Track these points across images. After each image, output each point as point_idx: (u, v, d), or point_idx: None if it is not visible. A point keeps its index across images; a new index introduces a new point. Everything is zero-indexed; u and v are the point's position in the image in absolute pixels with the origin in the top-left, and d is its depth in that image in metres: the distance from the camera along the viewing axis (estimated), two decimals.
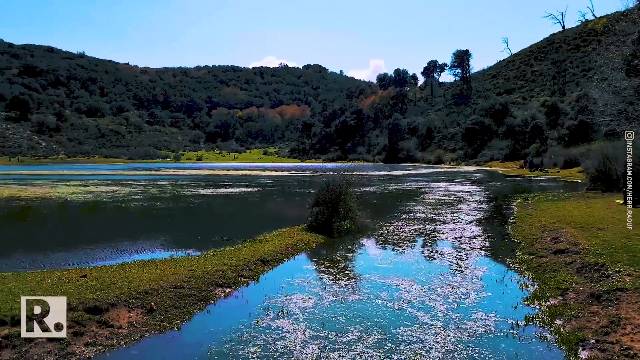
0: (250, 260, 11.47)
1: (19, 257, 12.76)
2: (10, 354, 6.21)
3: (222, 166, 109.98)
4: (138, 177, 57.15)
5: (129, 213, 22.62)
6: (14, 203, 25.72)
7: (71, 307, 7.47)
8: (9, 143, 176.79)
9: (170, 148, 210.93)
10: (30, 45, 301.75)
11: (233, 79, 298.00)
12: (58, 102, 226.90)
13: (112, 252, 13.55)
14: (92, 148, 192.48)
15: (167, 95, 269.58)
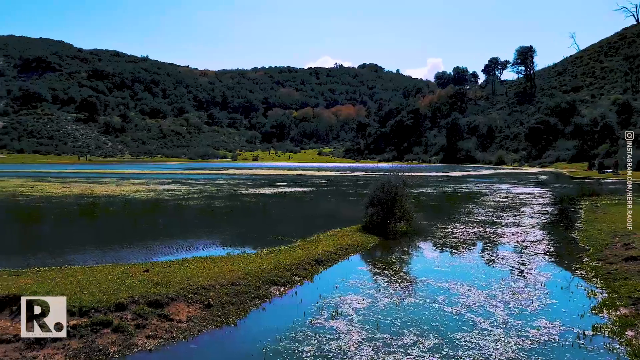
0: (304, 260, 11.58)
1: (87, 252, 13.58)
2: (78, 343, 6.63)
3: (277, 166, 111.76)
4: (197, 176, 59.22)
5: (189, 211, 23.48)
6: (82, 200, 27.40)
7: (134, 300, 7.86)
8: (78, 143, 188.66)
9: (227, 148, 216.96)
10: (98, 50, 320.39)
11: (289, 80, 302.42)
12: (123, 104, 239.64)
13: (173, 248, 14.12)
14: (154, 148, 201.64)
15: (225, 96, 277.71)
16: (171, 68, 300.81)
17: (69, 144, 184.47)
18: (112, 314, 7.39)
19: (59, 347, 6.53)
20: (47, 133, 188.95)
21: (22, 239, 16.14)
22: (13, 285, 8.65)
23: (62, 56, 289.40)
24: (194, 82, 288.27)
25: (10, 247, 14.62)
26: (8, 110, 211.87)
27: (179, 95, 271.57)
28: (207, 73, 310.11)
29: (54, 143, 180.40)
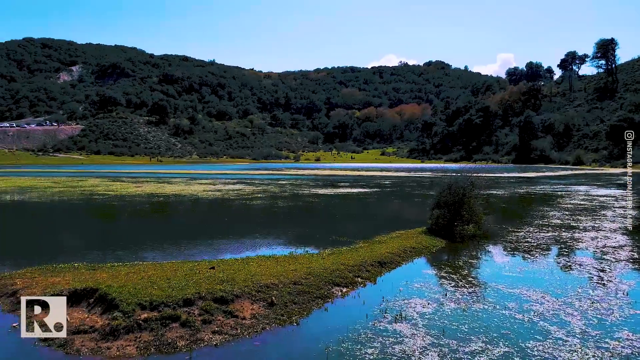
0: (367, 261, 11.51)
1: (157, 248, 14.27)
2: (148, 336, 6.97)
3: (339, 166, 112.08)
4: (261, 176, 60.65)
5: (253, 210, 24.09)
6: (153, 199, 28.86)
7: (201, 296, 8.16)
8: (150, 144, 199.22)
9: (290, 149, 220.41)
10: (168, 55, 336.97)
11: (351, 80, 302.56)
12: (191, 106, 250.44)
13: (237, 246, 14.53)
14: (220, 149, 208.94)
15: (288, 97, 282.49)
16: (236, 71, 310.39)
17: (142, 145, 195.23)
18: (180, 309, 7.71)
19: (131, 339, 6.90)
20: (121, 135, 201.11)
21: (98, 236, 17.25)
22: (90, 279, 9.28)
23: (135, 62, 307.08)
24: (258, 85, 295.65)
25: (88, 243, 15.67)
26: (86, 114, 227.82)
27: (244, 97, 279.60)
28: (271, 75, 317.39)
29: (128, 145, 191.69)
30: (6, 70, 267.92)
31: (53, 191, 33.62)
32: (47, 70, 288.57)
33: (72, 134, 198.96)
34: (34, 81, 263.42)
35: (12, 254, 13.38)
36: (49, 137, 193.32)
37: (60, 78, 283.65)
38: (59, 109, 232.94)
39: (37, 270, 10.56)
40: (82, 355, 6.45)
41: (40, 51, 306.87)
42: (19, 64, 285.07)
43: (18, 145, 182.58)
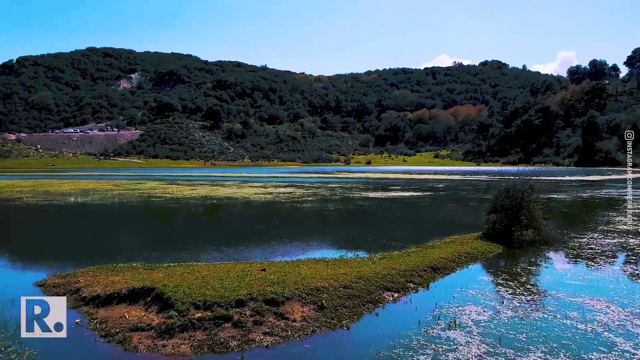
0: (419, 266, 11.33)
1: (211, 249, 14.68)
2: (202, 335, 7.17)
3: (390, 169, 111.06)
4: (311, 179, 61.10)
5: (303, 213, 24.29)
6: (207, 202, 29.72)
7: (252, 297, 8.31)
8: (204, 148, 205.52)
9: (340, 152, 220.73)
10: (222, 61, 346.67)
11: (403, 81, 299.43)
12: (244, 111, 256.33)
13: (288, 248, 14.70)
14: (271, 152, 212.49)
15: (338, 100, 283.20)
16: (288, 75, 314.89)
17: (196, 149, 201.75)
18: (232, 309, 7.89)
19: (185, 338, 7.12)
20: (177, 140, 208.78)
21: (155, 237, 17.96)
22: (147, 278, 9.66)
23: (190, 69, 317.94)
24: (308, 88, 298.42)
25: (146, 243, 16.35)
26: (145, 119, 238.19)
27: (295, 101, 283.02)
28: (321, 78, 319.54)
29: (184, 149, 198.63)
30: (71, 79, 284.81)
31: (113, 193, 35.33)
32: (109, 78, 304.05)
33: (131, 138, 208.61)
34: (96, 89, 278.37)
35: (76, 253, 14.16)
36: (110, 142, 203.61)
37: (120, 85, 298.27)
38: (119, 115, 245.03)
39: (98, 269, 11.13)
40: (140, 352, 6.72)
41: (102, 60, 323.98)
42: (83, 72, 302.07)
43: (81, 150, 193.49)
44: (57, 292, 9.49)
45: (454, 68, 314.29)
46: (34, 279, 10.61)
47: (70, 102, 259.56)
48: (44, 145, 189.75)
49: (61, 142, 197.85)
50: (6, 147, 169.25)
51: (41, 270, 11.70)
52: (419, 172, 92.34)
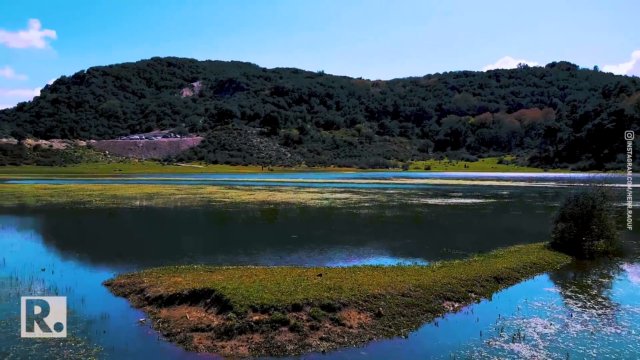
0: (481, 276, 11.00)
1: (268, 253, 14.94)
2: (260, 338, 7.31)
3: (451, 175, 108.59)
4: (368, 185, 60.84)
5: (360, 219, 24.22)
6: (264, 206, 30.30)
7: (309, 302, 8.38)
8: (261, 154, 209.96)
9: (398, 157, 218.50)
10: (279, 68, 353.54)
11: (465, 85, 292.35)
12: (301, 117, 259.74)
13: (344, 254, 14.70)
14: (328, 158, 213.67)
15: (396, 105, 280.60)
16: (344, 81, 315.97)
17: (254, 155, 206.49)
18: (289, 313, 8.00)
19: (243, 340, 7.29)
20: (236, 146, 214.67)
21: (215, 240, 18.52)
22: (207, 280, 9.98)
23: (249, 76, 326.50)
24: (366, 93, 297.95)
25: (206, 246, 16.89)
26: (206, 126, 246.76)
27: (352, 106, 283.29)
28: (379, 83, 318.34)
29: (242, 154, 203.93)
30: (137, 88, 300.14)
31: (176, 198, 36.80)
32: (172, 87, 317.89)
33: (192, 144, 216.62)
34: (160, 97, 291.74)
35: (140, 254, 14.86)
36: (172, 148, 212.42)
37: (183, 93, 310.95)
38: (181, 122, 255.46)
39: (161, 270, 11.64)
40: (200, 353, 6.95)
41: (166, 69, 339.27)
42: (148, 81, 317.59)
43: (146, 155, 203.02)
44: (123, 292, 10.00)
45: (519, 70, 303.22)
46: (103, 279, 11.24)
47: (137, 110, 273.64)
48: (111, 151, 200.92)
49: (128, 148, 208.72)
50: (77, 153, 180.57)
51: (109, 270, 12.37)
52: (481, 178, 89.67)
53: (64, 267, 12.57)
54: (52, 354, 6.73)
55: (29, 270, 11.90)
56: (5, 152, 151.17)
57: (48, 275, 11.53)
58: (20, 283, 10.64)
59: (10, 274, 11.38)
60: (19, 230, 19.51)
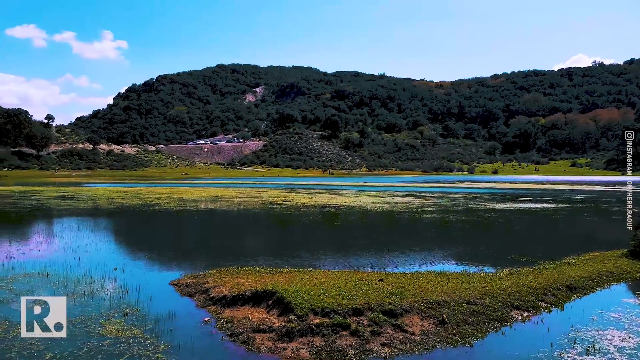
0: (552, 285, 10.50)
1: (328, 257, 15.02)
2: (320, 341, 7.37)
3: (520, 179, 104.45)
4: (431, 189, 59.70)
5: (422, 224, 23.82)
6: (325, 210, 30.49)
7: (370, 307, 8.35)
8: (322, 158, 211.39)
9: (463, 160, 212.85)
10: (340, 72, 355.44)
11: (534, 84, 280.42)
12: (361, 120, 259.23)
13: (406, 259, 14.52)
14: (389, 161, 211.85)
15: (461, 106, 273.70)
16: (406, 83, 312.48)
17: (315, 159, 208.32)
18: (349, 317, 8.00)
19: (304, 342, 7.37)
20: (297, 150, 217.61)
21: (276, 242, 18.86)
22: (269, 282, 10.19)
23: (310, 80, 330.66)
24: (429, 95, 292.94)
25: (268, 248, 17.24)
26: (267, 130, 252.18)
27: (414, 108, 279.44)
28: (442, 84, 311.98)
29: (303, 158, 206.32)
30: (202, 94, 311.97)
31: (239, 200, 37.83)
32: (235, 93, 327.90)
33: (255, 149, 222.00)
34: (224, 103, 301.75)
35: (205, 255, 15.40)
36: (236, 152, 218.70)
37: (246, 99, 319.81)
38: (244, 126, 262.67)
39: (225, 271, 12.02)
40: (262, 353, 7.10)
41: (230, 76, 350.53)
42: (213, 88, 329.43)
43: (211, 160, 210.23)
44: (189, 292, 10.41)
45: (594, 68, 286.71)
46: (170, 278, 11.76)
47: (202, 115, 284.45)
48: (179, 155, 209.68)
49: (194, 153, 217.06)
50: (147, 157, 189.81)
51: (176, 270, 12.93)
52: (553, 182, 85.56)
53: (133, 266, 13.26)
54: (123, 349, 7.12)
55: (102, 269, 12.66)
56: (81, 157, 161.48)
57: (119, 274, 12.21)
58: (94, 281, 11.33)
59: (85, 273, 12.15)
60: (93, 231, 20.78)
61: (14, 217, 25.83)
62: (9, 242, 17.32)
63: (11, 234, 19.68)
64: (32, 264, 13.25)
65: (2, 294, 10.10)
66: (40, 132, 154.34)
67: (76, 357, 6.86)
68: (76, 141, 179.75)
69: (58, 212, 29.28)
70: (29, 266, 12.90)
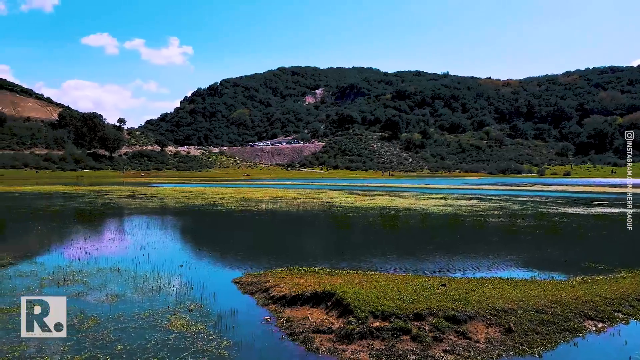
0: (631, 295, 9.87)
1: (388, 260, 14.87)
2: (380, 345, 7.32)
3: (595, 182, 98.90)
4: (497, 192, 57.73)
5: (488, 228, 23.08)
6: (385, 212, 30.23)
7: (432, 312, 8.20)
8: (382, 159, 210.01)
9: (532, 162, 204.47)
10: (401, 72, 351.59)
11: (611, 81, 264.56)
12: (423, 120, 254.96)
13: (470, 264, 14.12)
14: (452, 163, 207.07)
15: (530, 105, 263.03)
16: (471, 81, 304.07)
17: (375, 160, 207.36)
18: (410, 322, 7.90)
19: (364, 345, 7.35)
20: (356, 151, 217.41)
21: (335, 244, 18.92)
22: (328, 283, 10.25)
23: (370, 81, 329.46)
24: (495, 94, 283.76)
25: (326, 249, 17.33)
26: (327, 132, 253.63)
27: (479, 108, 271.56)
28: (510, 83, 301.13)
29: (362, 159, 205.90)
30: (264, 97, 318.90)
31: (298, 201, 38.29)
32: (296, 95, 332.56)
33: (314, 150, 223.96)
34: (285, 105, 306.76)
35: (265, 255, 15.70)
36: (295, 154, 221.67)
37: (306, 101, 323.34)
38: (304, 128, 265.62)
39: (285, 271, 12.22)
40: (321, 354, 7.16)
41: (290, 78, 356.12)
42: (274, 90, 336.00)
43: (271, 161, 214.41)
44: (250, 290, 10.66)
45: None
46: (232, 276, 12.10)
47: (263, 118, 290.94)
48: (241, 156, 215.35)
49: (255, 154, 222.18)
50: (211, 159, 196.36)
51: (238, 268, 13.29)
52: (633, 185, 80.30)
53: (198, 264, 13.77)
54: (187, 344, 7.41)
55: (168, 266, 13.23)
56: (150, 158, 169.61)
57: (185, 271, 12.71)
58: (161, 277, 11.86)
59: (153, 269, 12.75)
60: (161, 229, 21.76)
61: (88, 215, 27.52)
62: (85, 238, 18.48)
63: (86, 231, 20.98)
64: (104, 259, 14.07)
65: (78, 287, 10.79)
66: (112, 135, 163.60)
67: (144, 349, 7.21)
68: (145, 143, 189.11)
69: (128, 210, 30.92)
70: (102, 262, 13.70)
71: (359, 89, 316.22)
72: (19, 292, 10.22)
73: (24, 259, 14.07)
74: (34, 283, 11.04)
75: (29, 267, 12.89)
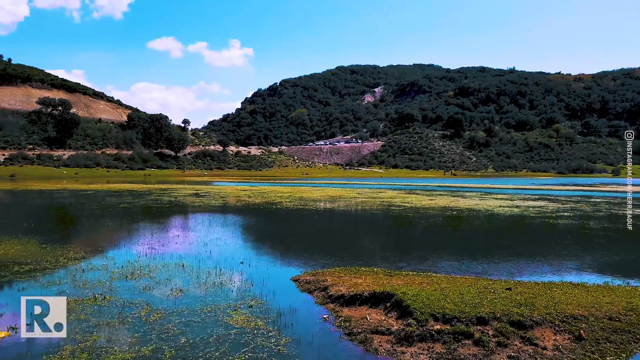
0: None
1: (450, 261, 14.54)
2: (441, 348, 7.18)
3: None
4: (568, 192, 55.06)
5: (557, 230, 22.05)
6: (447, 212, 29.59)
7: (496, 316, 7.94)
8: (443, 158, 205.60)
9: (607, 161, 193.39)
10: (464, 68, 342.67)
11: None
12: (488, 118, 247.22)
13: (537, 268, 13.55)
14: (519, 162, 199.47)
15: (604, 101, 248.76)
16: (539, 77, 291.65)
17: (436, 159, 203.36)
18: (473, 326, 7.69)
19: (423, 348, 7.24)
20: (417, 150, 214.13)
21: (394, 244, 18.73)
22: (387, 284, 10.17)
23: (431, 78, 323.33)
24: (565, 89, 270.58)
25: (385, 250, 17.20)
26: (386, 131, 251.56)
27: (548, 104, 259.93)
28: (582, 77, 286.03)
29: (423, 159, 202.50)
30: (322, 97, 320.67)
31: (357, 201, 38.23)
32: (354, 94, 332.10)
33: (373, 149, 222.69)
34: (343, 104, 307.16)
35: (324, 254, 15.79)
36: (354, 153, 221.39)
37: (364, 99, 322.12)
38: (363, 127, 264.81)
39: (343, 270, 12.25)
40: (380, 355, 7.12)
41: (349, 77, 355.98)
42: (332, 90, 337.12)
43: (330, 160, 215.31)
44: (308, 288, 10.77)
45: None
46: (291, 274, 12.28)
47: (322, 117, 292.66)
48: (299, 156, 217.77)
49: (313, 154, 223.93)
50: (271, 158, 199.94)
51: (296, 266, 13.48)
52: None
53: (258, 261, 14.07)
54: (247, 339, 7.60)
55: (230, 262, 13.62)
56: (213, 158, 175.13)
57: (245, 267, 13.03)
58: (223, 273, 12.23)
59: (216, 265, 13.17)
60: (223, 226, 22.41)
61: (155, 212, 28.81)
62: (151, 234, 19.36)
63: (153, 228, 21.97)
64: (169, 255, 14.69)
65: (145, 281, 11.34)
66: (177, 135, 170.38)
67: (206, 343, 7.47)
68: (208, 143, 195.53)
69: (192, 208, 32.10)
70: (167, 257, 14.31)
71: (419, 87, 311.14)
72: (91, 284, 10.88)
73: (97, 254, 14.95)
74: (105, 277, 11.70)
75: (101, 261, 13.68)
